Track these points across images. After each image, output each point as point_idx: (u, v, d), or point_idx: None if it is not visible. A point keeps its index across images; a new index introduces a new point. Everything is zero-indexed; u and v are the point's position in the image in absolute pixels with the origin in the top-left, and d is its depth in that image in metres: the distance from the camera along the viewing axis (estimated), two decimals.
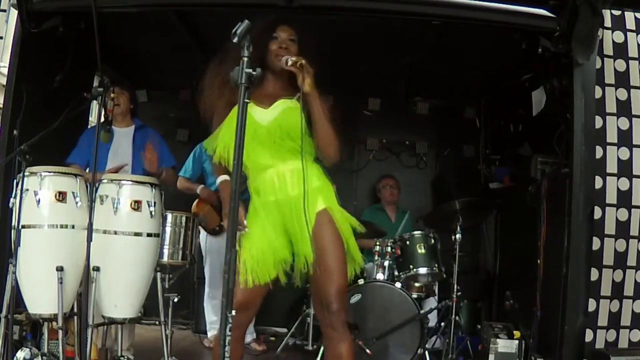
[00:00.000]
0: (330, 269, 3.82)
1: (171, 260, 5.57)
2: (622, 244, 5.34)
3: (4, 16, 5.53)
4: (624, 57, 5.45)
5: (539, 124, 6.13)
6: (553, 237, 5.48)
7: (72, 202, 4.97)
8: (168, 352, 5.45)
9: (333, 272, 3.84)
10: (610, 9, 5.41)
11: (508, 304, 6.73)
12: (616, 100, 5.40)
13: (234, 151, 2.90)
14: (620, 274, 5.33)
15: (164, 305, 5.49)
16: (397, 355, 5.96)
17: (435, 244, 6.46)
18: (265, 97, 3.93)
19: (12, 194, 4.96)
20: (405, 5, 5.30)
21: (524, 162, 6.31)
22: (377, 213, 7.70)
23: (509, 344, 5.61)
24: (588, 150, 5.27)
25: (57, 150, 5.63)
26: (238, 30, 3.08)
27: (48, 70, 5.93)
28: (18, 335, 5.32)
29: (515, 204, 6.94)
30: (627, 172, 5.37)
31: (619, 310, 5.32)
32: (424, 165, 9.07)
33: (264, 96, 3.92)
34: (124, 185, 5.10)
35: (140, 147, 5.82)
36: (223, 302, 2.90)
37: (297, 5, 5.19)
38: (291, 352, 6.90)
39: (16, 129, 5.19)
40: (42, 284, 4.87)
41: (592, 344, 5.24)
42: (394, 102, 8.65)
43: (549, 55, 5.45)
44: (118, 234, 5.03)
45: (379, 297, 6.07)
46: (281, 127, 3.85)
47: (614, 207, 5.34)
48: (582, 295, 5.22)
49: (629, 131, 5.39)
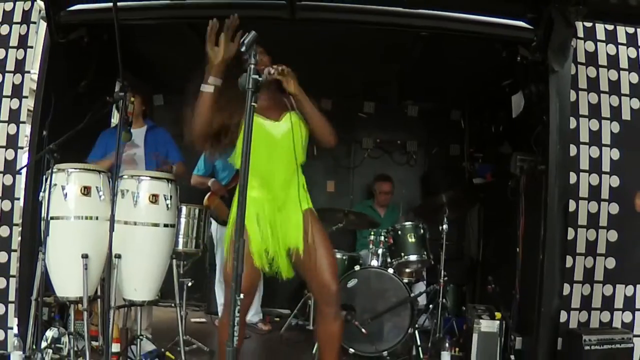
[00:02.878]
0: (325, 257, 3.98)
1: (185, 249, 5.58)
2: (593, 233, 5.33)
3: (34, 28, 5.52)
4: (594, 65, 5.44)
5: (518, 125, 6.12)
6: (531, 227, 5.48)
7: (96, 196, 4.97)
8: (183, 331, 5.47)
9: (328, 259, 4.00)
10: (583, 21, 5.40)
11: (490, 287, 6.73)
12: (588, 103, 5.39)
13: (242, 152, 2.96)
14: (591, 261, 5.32)
15: (179, 289, 5.50)
16: (389, 334, 5.95)
17: (424, 234, 6.45)
18: (270, 110, 4.03)
19: (42, 189, 4.96)
20: (397, 17, 5.31)
21: (505, 159, 6.30)
22: (366, 210, 7.68)
23: (490, 324, 5.60)
24: (563, 149, 5.26)
25: (83, 148, 5.63)
26: (245, 41, 3.08)
27: (74, 77, 5.93)
28: (47, 316, 5.32)
29: (496, 197, 6.93)
30: (597, 169, 5.37)
31: (590, 294, 5.32)
32: (414, 162, 9.08)
33: (268, 109, 4.02)
34: (142, 180, 5.10)
35: (151, 146, 5.86)
36: (232, 286, 2.91)
37: (299, 18, 5.21)
38: (294, 331, 6.90)
39: (45, 130, 5.18)
40: (69, 270, 4.87)
41: (566, 324, 5.24)
42: (387, 106, 8.64)
43: (527, 63, 5.45)
44: (137, 224, 5.03)
45: (374, 281, 6.07)
46: (292, 140, 3.93)
47: (586, 200, 5.34)
48: (557, 280, 5.22)
49: (599, 132, 5.39)
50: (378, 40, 6.38)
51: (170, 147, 5.94)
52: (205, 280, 7.73)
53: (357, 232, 7.71)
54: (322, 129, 4.03)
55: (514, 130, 6.40)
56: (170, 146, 5.95)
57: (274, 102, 4.08)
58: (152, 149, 5.83)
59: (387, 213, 7.79)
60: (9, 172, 5.42)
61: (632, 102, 5.46)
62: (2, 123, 5.48)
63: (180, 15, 5.66)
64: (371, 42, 6.42)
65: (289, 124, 3.98)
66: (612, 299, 5.35)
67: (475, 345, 5.59)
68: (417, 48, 6.55)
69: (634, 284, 5.37)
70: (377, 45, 6.55)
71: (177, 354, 5.39)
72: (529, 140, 5.66)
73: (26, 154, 5.42)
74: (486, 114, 7.85)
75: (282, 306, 8.09)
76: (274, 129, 3.98)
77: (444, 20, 5.36)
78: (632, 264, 5.37)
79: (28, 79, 5.51)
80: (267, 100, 4.04)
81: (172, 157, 5.92)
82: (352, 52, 6.44)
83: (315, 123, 4.00)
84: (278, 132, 3.99)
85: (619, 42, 5.52)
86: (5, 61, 5.54)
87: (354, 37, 6.11)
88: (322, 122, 4.02)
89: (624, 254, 5.37)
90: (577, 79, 5.39)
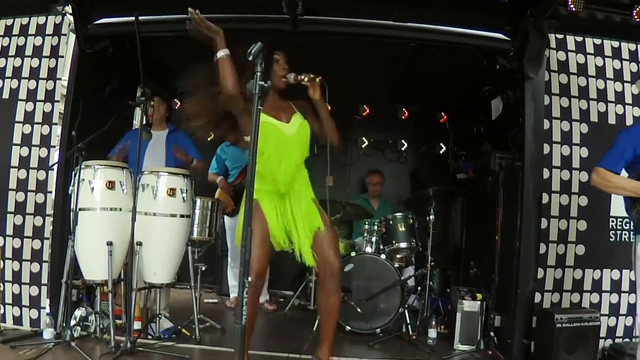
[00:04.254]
0: (332, 237, 4.11)
1: (200, 237, 5.59)
2: (564, 223, 5.34)
3: (65, 39, 5.52)
4: (565, 72, 5.44)
5: (497, 126, 6.12)
6: (508, 218, 5.48)
7: (120, 190, 4.99)
8: (197, 311, 5.50)
9: (333, 240, 4.13)
10: (555, 33, 5.40)
11: (472, 271, 6.74)
12: (560, 107, 5.39)
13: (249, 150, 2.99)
14: (562, 248, 5.33)
15: (193, 272, 5.54)
16: (382, 313, 5.97)
17: (413, 224, 6.46)
18: (280, 112, 4.13)
19: (71, 183, 4.99)
20: (388, 30, 5.31)
21: (485, 157, 6.29)
22: (362, 202, 7.68)
23: (472, 304, 5.61)
24: (537, 147, 5.27)
25: (108, 147, 5.64)
26: (252, 50, 3.09)
27: (100, 83, 5.93)
28: (76, 297, 5.33)
29: (477, 191, 6.93)
30: (568, 165, 5.37)
31: (561, 277, 5.33)
32: (404, 159, 9.08)
33: (278, 110, 4.12)
34: (161, 176, 5.13)
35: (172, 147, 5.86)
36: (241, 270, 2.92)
37: (301, 30, 5.21)
38: (296, 311, 6.91)
39: (74, 131, 5.19)
40: (95, 256, 4.90)
41: (540, 304, 5.24)
42: (379, 109, 8.62)
43: (505, 71, 5.45)
44: (157, 215, 5.05)
45: (368, 266, 6.08)
46: (300, 139, 4.14)
47: (558, 193, 5.34)
48: (532, 265, 5.22)
49: (569, 132, 5.39)
50: (372, 50, 6.39)
51: (189, 147, 5.96)
52: (217, 265, 7.74)
53: (353, 222, 7.71)
54: (332, 130, 4.20)
55: (494, 131, 6.40)
56: (189, 146, 5.96)
57: (282, 106, 4.18)
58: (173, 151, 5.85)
59: (379, 205, 7.80)
60: (42, 168, 5.44)
61: (599, 106, 5.46)
62: (36, 124, 5.50)
63: None
64: (365, 52, 6.44)
65: (297, 125, 4.14)
66: (582, 282, 5.36)
67: (458, 323, 5.61)
68: (406, 57, 6.57)
69: (600, 268, 5.38)
70: (370, 55, 6.56)
71: (192, 331, 5.41)
72: (506, 140, 5.65)
73: (57, 152, 5.42)
74: (468, 117, 7.84)
75: (286, 288, 8.08)
76: (285, 129, 4.07)
77: (430, 33, 5.35)
78: (599, 251, 5.38)
79: (59, 85, 5.52)
80: (277, 103, 4.14)
81: (192, 155, 5.94)
82: (349, 60, 6.45)
83: (328, 125, 4.18)
84: (289, 132, 4.08)
85: (587, 52, 5.52)
86: (39, 69, 5.56)
87: (350, 47, 6.12)
88: (332, 125, 4.19)
89: (592, 241, 5.38)
90: (550, 85, 5.39)
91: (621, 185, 3.82)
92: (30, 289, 5.39)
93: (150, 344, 5.05)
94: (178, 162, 5.80)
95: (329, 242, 4.07)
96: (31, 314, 5.39)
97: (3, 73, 5.60)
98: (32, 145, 5.48)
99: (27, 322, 5.38)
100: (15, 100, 5.54)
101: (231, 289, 7.28)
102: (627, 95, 5.50)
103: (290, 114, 4.19)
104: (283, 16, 5.12)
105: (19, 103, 5.54)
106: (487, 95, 6.33)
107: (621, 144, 3.87)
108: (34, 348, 4.73)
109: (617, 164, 3.84)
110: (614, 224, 5.40)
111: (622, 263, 5.37)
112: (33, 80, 5.55)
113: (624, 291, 5.40)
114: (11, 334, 5.13)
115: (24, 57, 5.60)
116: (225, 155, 7.09)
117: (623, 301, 5.41)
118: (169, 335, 5.36)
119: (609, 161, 3.88)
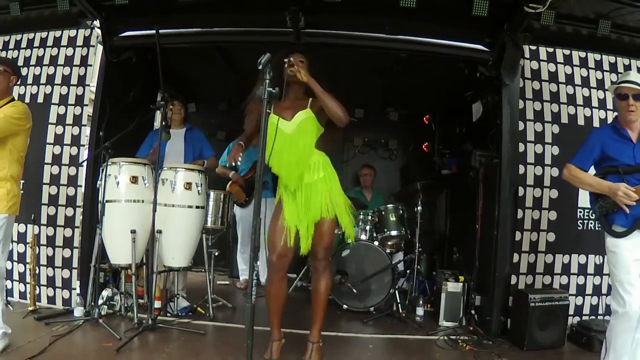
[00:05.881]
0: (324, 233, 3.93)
1: (213, 225, 5.58)
2: (537, 213, 5.33)
3: (93, 50, 5.53)
4: (538, 79, 5.43)
5: (478, 127, 6.12)
6: (487, 208, 5.48)
7: (142, 184, 5.00)
8: (211, 291, 5.52)
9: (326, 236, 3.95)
10: (529, 45, 5.40)
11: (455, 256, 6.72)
12: (533, 110, 5.39)
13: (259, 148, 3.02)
14: (535, 235, 5.32)
15: (207, 257, 5.54)
16: (375, 293, 5.97)
17: (403, 214, 6.45)
18: (286, 111, 3.93)
19: (99, 178, 5.03)
20: (381, 42, 5.33)
21: (467, 155, 6.28)
22: (357, 194, 7.68)
23: (455, 285, 5.61)
24: (513, 146, 5.27)
25: (131, 146, 5.64)
26: (262, 60, 3.10)
27: (124, 89, 5.95)
28: (103, 279, 5.36)
29: (460, 185, 6.92)
30: (540, 162, 5.36)
31: (534, 262, 5.32)
32: (395, 157, 9.07)
33: (285, 110, 3.93)
34: (179, 171, 5.14)
35: (189, 143, 5.90)
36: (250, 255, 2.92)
37: (303, 42, 5.22)
38: (299, 292, 6.89)
39: (101, 131, 5.19)
40: (120, 243, 4.92)
41: (515, 286, 5.24)
42: (373, 112, 8.60)
43: (484, 78, 5.47)
44: (175, 206, 5.07)
45: (362, 251, 6.09)
46: (300, 136, 3.88)
47: (532, 187, 5.33)
48: (508, 250, 5.23)
49: (542, 132, 5.38)
50: (366, 60, 6.40)
51: (204, 144, 6.02)
52: (228, 251, 7.72)
53: None
54: (333, 108, 3.74)
55: (474, 132, 6.39)
56: (204, 143, 6.02)
57: (293, 104, 3.95)
58: (190, 146, 5.88)
59: (372, 197, 7.79)
60: (73, 165, 5.43)
61: (569, 109, 5.45)
62: (67, 126, 5.49)
63: (209, 40, 5.67)
64: (361, 61, 6.44)
65: (298, 122, 3.89)
66: (552, 265, 5.36)
67: (443, 302, 5.61)
68: (397, 66, 6.57)
69: (569, 253, 5.37)
70: (365, 64, 6.57)
71: (206, 309, 5.43)
72: (486, 140, 5.65)
73: (86, 150, 5.43)
74: (452, 119, 7.82)
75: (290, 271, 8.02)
76: (285, 128, 3.87)
77: (418, 44, 5.36)
78: (568, 238, 5.37)
79: (88, 91, 5.52)
80: (290, 102, 3.95)
81: (205, 152, 5.98)
82: (346, 69, 6.44)
83: (326, 104, 3.74)
84: (288, 130, 3.87)
85: (558, 62, 5.51)
86: (70, 77, 5.55)
87: (348, 57, 6.11)
88: (332, 102, 3.74)
89: (562, 230, 5.37)
90: (525, 91, 5.38)
91: (587, 182, 3.83)
92: (63, 272, 5.40)
93: (169, 320, 5.07)
94: (195, 156, 5.87)
95: (320, 236, 3.90)
96: (63, 294, 5.40)
97: (38, 80, 5.62)
98: (63, 144, 5.48)
99: (59, 301, 5.39)
100: (49, 104, 5.54)
101: (241, 272, 7.28)
102: (594, 100, 5.49)
103: (295, 112, 3.91)
104: (287, 29, 5.15)
105: (52, 107, 5.54)
106: (469, 100, 6.33)
107: (590, 144, 3.87)
108: (66, 324, 4.75)
109: (586, 162, 3.85)
110: (581, 214, 5.40)
111: (588, 249, 5.38)
112: (65, 86, 5.55)
113: (589, 274, 5.41)
114: (46, 312, 5.14)
115: (56, 65, 5.60)
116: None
117: (589, 283, 5.41)
118: (186, 313, 5.37)
119: (579, 158, 3.89)
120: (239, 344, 4.23)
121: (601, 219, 3.75)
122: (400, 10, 4.84)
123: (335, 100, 3.77)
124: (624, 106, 3.77)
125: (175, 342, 4.52)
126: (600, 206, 3.75)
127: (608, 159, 3.77)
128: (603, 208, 3.73)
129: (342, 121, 3.81)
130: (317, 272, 4.08)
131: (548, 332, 4.88)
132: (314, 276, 4.13)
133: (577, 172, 3.85)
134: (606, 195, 3.71)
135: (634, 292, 3.55)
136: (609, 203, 3.69)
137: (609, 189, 3.66)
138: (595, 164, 3.86)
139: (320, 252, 3.97)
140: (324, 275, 4.06)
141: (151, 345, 4.42)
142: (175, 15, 5.30)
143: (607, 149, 3.78)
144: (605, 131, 3.90)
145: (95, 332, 4.63)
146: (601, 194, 3.75)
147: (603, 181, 3.74)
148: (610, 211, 3.70)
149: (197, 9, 5.15)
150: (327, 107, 3.76)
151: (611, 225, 3.69)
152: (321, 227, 3.90)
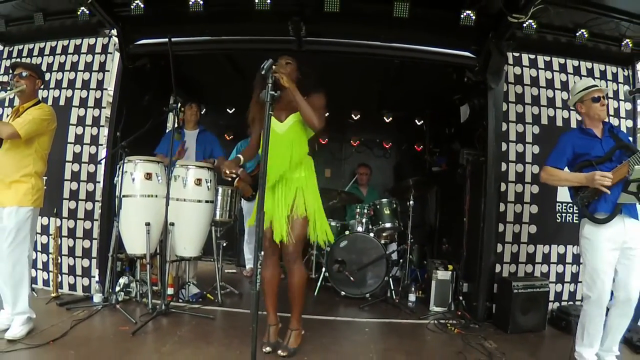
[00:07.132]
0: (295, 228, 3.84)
1: (221, 219, 5.57)
2: (519, 207, 5.33)
3: (111, 57, 5.53)
4: (521, 84, 5.43)
5: (465, 128, 6.10)
6: (474, 203, 5.46)
7: (156, 180, 4.99)
8: (219, 279, 5.52)
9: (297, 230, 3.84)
10: (512, 52, 5.40)
11: (444, 247, 6.73)
12: (515, 112, 5.38)
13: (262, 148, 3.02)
14: (518, 227, 5.32)
15: (216, 248, 5.56)
16: (371, 281, 5.96)
17: (396, 208, 6.45)
18: (282, 113, 3.90)
19: (116, 174, 5.02)
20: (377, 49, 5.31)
21: (455, 153, 6.27)
22: (354, 190, 7.66)
23: (445, 274, 5.60)
24: (497, 145, 5.27)
25: (146, 145, 5.62)
26: (265, 66, 3.09)
27: (139, 93, 5.94)
28: (120, 268, 5.34)
29: (449, 181, 6.90)
30: (522, 160, 5.36)
31: (517, 252, 5.32)
32: (389, 155, 9.08)
33: (280, 111, 3.89)
34: (190, 168, 5.12)
35: (201, 144, 5.88)
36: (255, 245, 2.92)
37: (304, 49, 5.21)
38: None
39: (118, 132, 5.18)
40: (136, 234, 4.90)
41: (500, 274, 5.25)
42: (369, 114, 8.59)
43: (471, 82, 5.46)
44: (186, 201, 5.05)
45: (359, 242, 6.07)
46: (290, 136, 3.86)
47: (514, 183, 5.34)
48: (493, 241, 5.22)
49: (523, 133, 5.38)
50: (363, 66, 6.37)
51: (215, 145, 5.99)
52: (235, 242, 7.72)
53: (346, 207, 7.69)
54: (307, 116, 3.69)
55: (462, 132, 6.37)
56: (215, 144, 5.99)
57: (287, 107, 3.88)
58: (201, 146, 5.87)
59: (368, 192, 7.78)
60: (92, 162, 5.44)
61: (549, 111, 5.45)
62: (87, 127, 5.50)
63: (218, 48, 5.65)
64: (358, 67, 6.42)
65: (290, 123, 3.87)
66: (534, 255, 5.35)
67: (433, 289, 5.60)
68: (391, 72, 6.55)
69: (549, 244, 5.37)
70: (362, 70, 6.55)
71: (215, 295, 5.43)
72: (473, 139, 5.64)
73: (104, 149, 5.43)
74: (442, 120, 7.81)
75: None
76: (278, 128, 3.85)
77: (410, 52, 5.35)
78: (548, 230, 5.37)
79: (106, 94, 5.52)
80: (284, 104, 3.87)
81: (216, 152, 5.95)
82: (344, 74, 6.42)
83: (302, 110, 3.71)
84: (280, 130, 3.85)
85: (539, 67, 5.51)
86: (89, 81, 5.56)
87: (346, 63, 6.09)
88: (307, 110, 3.69)
89: (542, 222, 5.37)
90: (508, 94, 5.38)
91: (564, 177, 3.82)
92: (83, 261, 5.40)
93: (181, 306, 5.07)
94: (205, 156, 5.85)
95: (291, 230, 3.81)
96: (83, 282, 5.40)
97: (60, 84, 5.62)
98: (83, 143, 5.49)
99: (80, 288, 5.40)
100: (70, 107, 5.55)
101: (247, 261, 7.29)
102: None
103: (288, 114, 3.88)
104: (290, 38, 5.14)
105: (73, 109, 5.54)
106: (457, 103, 6.31)
107: (562, 145, 3.86)
108: (86, 310, 4.75)
109: (560, 161, 3.83)
110: (560, 208, 5.40)
111: (567, 240, 5.39)
112: (84, 90, 5.55)
113: (568, 263, 5.40)
114: (67, 298, 5.14)
115: (77, 71, 5.60)
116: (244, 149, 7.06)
117: (567, 271, 5.41)
118: (196, 299, 5.37)
119: (553, 159, 3.87)
120: (245, 328, 4.23)
121: (584, 209, 3.73)
122: (394, 20, 4.83)
123: (310, 108, 3.72)
124: (598, 106, 3.81)
125: (187, 326, 4.52)
126: (581, 197, 3.73)
127: (580, 155, 3.78)
128: (584, 199, 3.71)
129: (314, 127, 3.78)
130: (287, 265, 3.95)
131: (530, 316, 4.87)
132: (287, 271, 3.99)
133: (553, 171, 3.83)
134: (585, 187, 3.70)
135: (607, 279, 3.57)
136: (589, 192, 3.67)
137: (586, 178, 3.65)
138: (569, 165, 3.84)
139: (289, 246, 3.85)
140: (294, 269, 3.93)
141: (164, 328, 4.42)
142: (187, 25, 5.30)
143: (578, 149, 3.79)
144: (574, 133, 3.92)
145: (112, 317, 4.63)
146: (580, 186, 3.73)
147: (579, 173, 3.73)
148: (591, 200, 3.69)
149: (207, 20, 5.14)
150: (302, 113, 3.75)
151: (594, 213, 3.68)
152: (292, 223, 3.83)
